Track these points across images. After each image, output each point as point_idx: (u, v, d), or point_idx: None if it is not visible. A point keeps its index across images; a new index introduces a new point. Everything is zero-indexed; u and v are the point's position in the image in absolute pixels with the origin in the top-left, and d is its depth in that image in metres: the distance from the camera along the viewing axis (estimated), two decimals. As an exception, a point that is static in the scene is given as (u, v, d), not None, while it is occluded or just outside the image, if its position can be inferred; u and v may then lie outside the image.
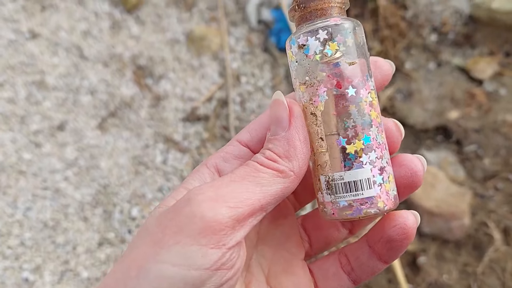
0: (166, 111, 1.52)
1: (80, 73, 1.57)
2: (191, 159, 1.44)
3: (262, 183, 0.31)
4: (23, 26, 1.64)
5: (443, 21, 1.65)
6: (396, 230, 0.34)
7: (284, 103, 0.33)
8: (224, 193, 0.30)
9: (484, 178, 1.37)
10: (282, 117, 0.33)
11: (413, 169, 0.35)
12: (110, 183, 1.37)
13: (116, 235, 1.30)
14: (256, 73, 1.62)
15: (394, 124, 0.36)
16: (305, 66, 0.35)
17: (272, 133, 0.34)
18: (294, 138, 0.33)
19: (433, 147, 1.44)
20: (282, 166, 0.32)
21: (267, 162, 0.32)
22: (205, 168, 0.35)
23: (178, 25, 1.71)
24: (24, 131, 1.44)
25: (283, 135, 0.33)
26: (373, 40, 1.62)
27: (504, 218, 1.29)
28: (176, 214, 0.30)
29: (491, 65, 1.54)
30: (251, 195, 0.30)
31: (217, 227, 0.29)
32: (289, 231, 0.39)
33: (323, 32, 0.33)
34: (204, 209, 0.29)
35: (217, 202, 0.29)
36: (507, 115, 1.44)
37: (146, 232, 0.31)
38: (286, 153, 0.32)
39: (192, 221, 0.29)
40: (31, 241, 1.27)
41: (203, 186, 0.31)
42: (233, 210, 0.29)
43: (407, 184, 0.35)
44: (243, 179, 0.31)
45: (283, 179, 0.32)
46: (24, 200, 1.33)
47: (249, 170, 0.32)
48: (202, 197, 0.30)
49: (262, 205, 0.31)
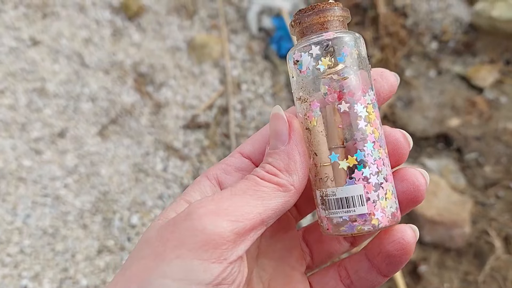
0: (166, 118, 1.52)
1: (81, 81, 1.57)
2: (191, 167, 1.44)
3: (263, 197, 0.31)
4: (24, 34, 1.64)
5: (444, 29, 1.65)
6: (395, 245, 0.34)
7: (283, 117, 0.34)
8: (225, 206, 0.30)
9: (485, 186, 1.37)
10: (281, 131, 0.33)
11: (415, 184, 0.35)
12: (110, 190, 1.37)
13: (115, 243, 1.29)
14: (257, 80, 1.62)
15: (402, 135, 0.36)
16: (299, 82, 0.35)
17: (271, 147, 0.34)
18: (294, 152, 0.33)
19: (434, 155, 1.44)
20: (282, 180, 0.32)
21: (268, 176, 0.32)
22: (206, 179, 0.35)
23: (179, 33, 1.72)
24: (24, 138, 1.44)
25: (283, 149, 0.33)
26: (373, 48, 1.62)
27: (505, 226, 1.29)
28: (177, 227, 0.30)
29: (491, 73, 1.54)
30: (252, 209, 0.30)
31: (218, 241, 0.29)
32: (290, 244, 0.39)
33: (316, 48, 0.33)
34: (205, 222, 0.29)
35: (219, 216, 0.29)
36: (508, 123, 1.44)
37: (147, 244, 0.31)
38: (286, 166, 0.32)
39: (194, 235, 0.29)
40: (30, 249, 1.27)
41: (204, 200, 0.31)
42: (235, 224, 0.29)
43: (409, 198, 0.35)
44: (244, 193, 0.31)
45: (283, 193, 0.32)
46: (23, 207, 1.32)
47: (250, 184, 0.32)
48: (203, 210, 0.30)
49: (263, 219, 0.31)
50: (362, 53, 0.34)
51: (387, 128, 0.36)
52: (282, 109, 0.34)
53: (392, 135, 0.36)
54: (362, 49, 0.35)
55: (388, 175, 0.34)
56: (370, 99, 0.34)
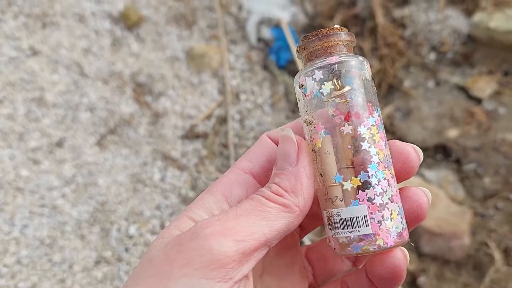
0: (165, 128, 1.52)
1: (80, 90, 1.57)
2: (189, 177, 1.43)
3: (268, 217, 0.32)
4: (24, 43, 1.65)
5: (442, 40, 1.66)
6: (385, 269, 0.34)
7: (293, 139, 0.34)
8: (231, 227, 0.30)
9: (484, 197, 1.37)
10: (290, 152, 0.34)
11: (418, 202, 0.36)
12: (108, 200, 1.37)
13: (113, 254, 1.29)
14: (256, 90, 1.63)
15: (413, 149, 0.37)
16: (305, 105, 0.36)
17: (279, 168, 0.34)
18: (301, 174, 0.33)
19: (433, 166, 1.44)
20: (288, 200, 0.33)
21: (274, 197, 0.33)
22: (210, 195, 0.35)
23: (178, 43, 1.73)
24: (22, 147, 1.44)
25: (291, 170, 0.33)
26: (372, 58, 1.63)
27: (505, 238, 1.28)
28: (183, 247, 0.30)
29: (490, 84, 1.54)
30: (257, 229, 0.31)
31: (224, 260, 0.29)
32: (293, 261, 0.40)
33: (319, 72, 0.35)
34: (212, 242, 0.29)
35: (225, 236, 0.30)
36: (507, 134, 1.44)
37: (150, 264, 0.31)
38: (293, 188, 0.33)
39: (200, 254, 0.29)
40: (28, 259, 1.26)
41: (210, 220, 0.31)
42: (240, 244, 0.30)
43: (411, 217, 0.36)
44: (249, 213, 0.32)
45: (288, 214, 0.32)
46: (21, 217, 1.32)
47: (255, 204, 0.32)
48: (209, 230, 0.30)
49: (267, 239, 0.31)
50: (366, 76, 0.36)
51: (397, 142, 0.37)
52: (292, 132, 0.35)
53: (403, 149, 0.37)
54: (366, 72, 0.36)
55: (394, 196, 0.35)
56: (374, 120, 0.35)
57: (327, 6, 1.72)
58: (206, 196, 0.35)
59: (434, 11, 1.70)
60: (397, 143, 0.37)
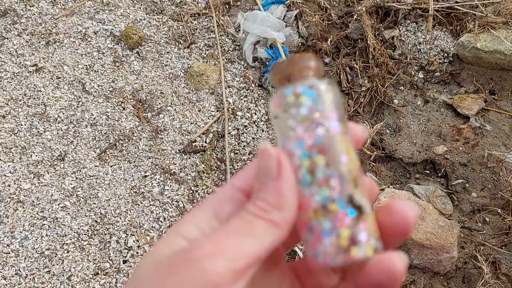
0: (164, 143, 1.56)
1: (82, 106, 1.62)
2: (187, 190, 1.47)
3: (258, 235, 0.32)
4: (27, 60, 1.70)
5: (430, 60, 1.72)
6: (384, 275, 0.33)
7: (272, 153, 0.34)
8: (223, 247, 0.31)
9: (472, 211, 1.40)
10: (271, 167, 0.34)
11: (404, 217, 0.35)
12: (107, 213, 1.40)
13: (111, 265, 1.31)
14: (252, 107, 1.68)
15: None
16: (278, 128, 0.37)
17: (261, 182, 0.35)
18: (285, 188, 0.34)
19: (422, 180, 1.48)
20: (274, 216, 0.33)
21: (260, 213, 0.33)
22: (200, 212, 0.35)
23: (177, 61, 1.78)
24: (24, 161, 1.47)
25: (273, 186, 0.34)
26: (362, 77, 1.69)
27: (493, 251, 1.31)
28: (174, 269, 0.30)
29: (477, 101, 1.60)
30: (248, 247, 0.31)
31: (218, 280, 0.29)
32: (281, 277, 0.40)
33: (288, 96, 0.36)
34: (204, 263, 0.30)
35: (217, 256, 0.30)
36: (493, 150, 1.49)
37: (140, 283, 0.31)
38: (278, 203, 0.33)
39: (193, 275, 0.29)
40: (26, 271, 1.28)
41: (201, 241, 0.32)
42: (233, 263, 0.30)
43: (398, 232, 0.35)
44: (239, 232, 0.32)
45: (276, 229, 0.33)
46: (21, 230, 1.34)
47: (244, 222, 0.33)
48: (201, 252, 0.30)
49: (259, 256, 0.32)
50: (333, 100, 0.36)
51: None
52: (270, 145, 0.35)
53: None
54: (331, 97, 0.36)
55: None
56: None
57: (320, 28, 1.78)
58: (196, 212, 0.35)
59: (423, 32, 1.76)
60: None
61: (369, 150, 1.52)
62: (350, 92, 1.67)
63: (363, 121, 1.61)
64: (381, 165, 1.53)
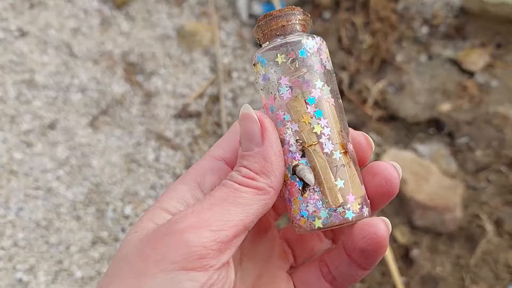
0: (157, 108, 1.51)
1: (70, 71, 1.55)
2: (183, 156, 1.43)
3: (243, 203, 0.31)
4: (11, 25, 1.62)
5: (434, 14, 1.64)
6: (367, 240, 0.32)
7: (254, 117, 0.33)
8: (207, 218, 0.30)
9: (476, 170, 1.38)
10: (254, 132, 0.33)
11: (388, 177, 0.34)
12: (103, 181, 1.37)
13: (109, 234, 1.29)
14: (248, 68, 1.62)
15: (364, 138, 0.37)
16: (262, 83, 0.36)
17: (244, 149, 0.33)
18: (269, 153, 0.32)
19: (425, 140, 1.45)
20: (260, 183, 0.32)
21: (246, 181, 0.32)
22: (183, 185, 0.34)
23: (168, 21, 1.70)
24: (14, 130, 1.43)
25: (257, 151, 0.32)
26: (364, 33, 1.62)
27: (496, 210, 1.30)
28: (158, 243, 0.29)
29: (482, 56, 1.54)
30: (233, 216, 0.30)
31: (203, 251, 0.28)
32: (271, 245, 0.39)
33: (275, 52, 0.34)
34: (187, 236, 0.29)
35: (200, 228, 0.29)
36: (499, 107, 1.45)
37: (126, 261, 0.30)
38: (263, 169, 0.32)
39: (177, 248, 0.28)
40: (24, 242, 1.27)
41: (185, 213, 0.30)
42: (217, 234, 0.29)
43: (382, 192, 0.35)
44: (223, 201, 0.31)
45: (263, 196, 0.32)
46: (16, 201, 1.32)
47: (229, 191, 0.31)
48: (184, 224, 0.29)
49: (245, 224, 0.31)
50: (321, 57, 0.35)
51: (350, 130, 0.36)
52: (251, 108, 0.34)
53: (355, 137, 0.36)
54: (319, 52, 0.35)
55: None
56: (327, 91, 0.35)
57: (318, -20, 1.69)
58: (179, 185, 0.34)
59: (427, -16, 1.68)
60: (350, 131, 0.36)
61: (372, 109, 1.47)
62: (350, 50, 1.61)
63: (365, 80, 1.55)
64: (384, 125, 1.49)
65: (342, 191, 0.33)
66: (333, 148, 0.33)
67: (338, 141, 0.34)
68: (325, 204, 0.33)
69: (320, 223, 0.33)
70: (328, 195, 0.33)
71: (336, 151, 0.33)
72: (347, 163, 0.34)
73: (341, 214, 0.33)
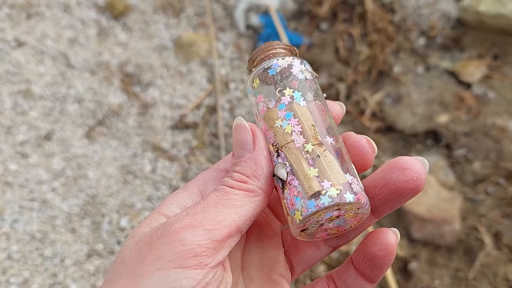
0: (154, 119, 1.51)
1: (67, 82, 1.55)
2: (180, 168, 1.42)
3: (235, 204, 0.32)
4: (8, 35, 1.62)
5: (431, 25, 1.65)
6: (378, 246, 0.35)
7: (246, 126, 0.35)
8: (200, 218, 0.31)
9: (474, 182, 1.37)
10: (246, 140, 0.35)
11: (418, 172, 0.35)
12: (98, 193, 1.35)
13: (105, 247, 1.28)
14: (245, 78, 1.61)
15: (367, 142, 0.37)
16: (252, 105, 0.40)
17: (237, 156, 0.35)
18: (260, 157, 0.34)
19: (423, 152, 1.44)
20: (251, 185, 0.33)
21: (237, 184, 0.33)
22: (184, 191, 0.36)
23: (165, 31, 1.70)
24: (10, 141, 1.42)
25: (249, 156, 0.34)
26: (361, 44, 1.62)
27: (495, 223, 1.29)
28: (154, 244, 0.30)
29: (479, 68, 1.54)
30: (226, 217, 0.31)
31: (198, 249, 0.29)
32: (275, 253, 0.39)
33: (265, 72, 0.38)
34: (183, 234, 0.29)
35: (195, 227, 0.30)
36: (496, 119, 1.44)
37: (123, 264, 0.31)
38: (254, 172, 0.34)
39: (172, 247, 0.29)
40: (19, 254, 1.25)
41: (179, 215, 0.31)
42: (211, 232, 0.30)
43: (412, 188, 0.35)
44: (216, 203, 0.32)
45: (254, 198, 0.33)
46: (10, 212, 1.31)
47: (221, 194, 0.33)
48: (178, 225, 0.30)
49: (238, 225, 0.32)
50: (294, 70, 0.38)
51: (352, 134, 0.37)
52: (244, 119, 0.36)
53: (357, 141, 0.37)
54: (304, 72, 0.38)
55: None
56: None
57: (315, -8, 1.70)
58: (181, 191, 0.36)
59: (424, -5, 1.69)
60: (352, 134, 0.37)
61: (369, 121, 1.47)
62: (348, 61, 1.61)
63: (362, 91, 1.55)
64: (382, 136, 1.48)
65: (317, 180, 0.34)
66: (304, 141, 0.35)
67: (311, 134, 0.35)
68: (304, 195, 0.34)
69: (299, 215, 0.34)
70: (303, 185, 0.34)
71: (308, 143, 0.35)
72: (322, 153, 0.34)
73: (316, 201, 0.33)
